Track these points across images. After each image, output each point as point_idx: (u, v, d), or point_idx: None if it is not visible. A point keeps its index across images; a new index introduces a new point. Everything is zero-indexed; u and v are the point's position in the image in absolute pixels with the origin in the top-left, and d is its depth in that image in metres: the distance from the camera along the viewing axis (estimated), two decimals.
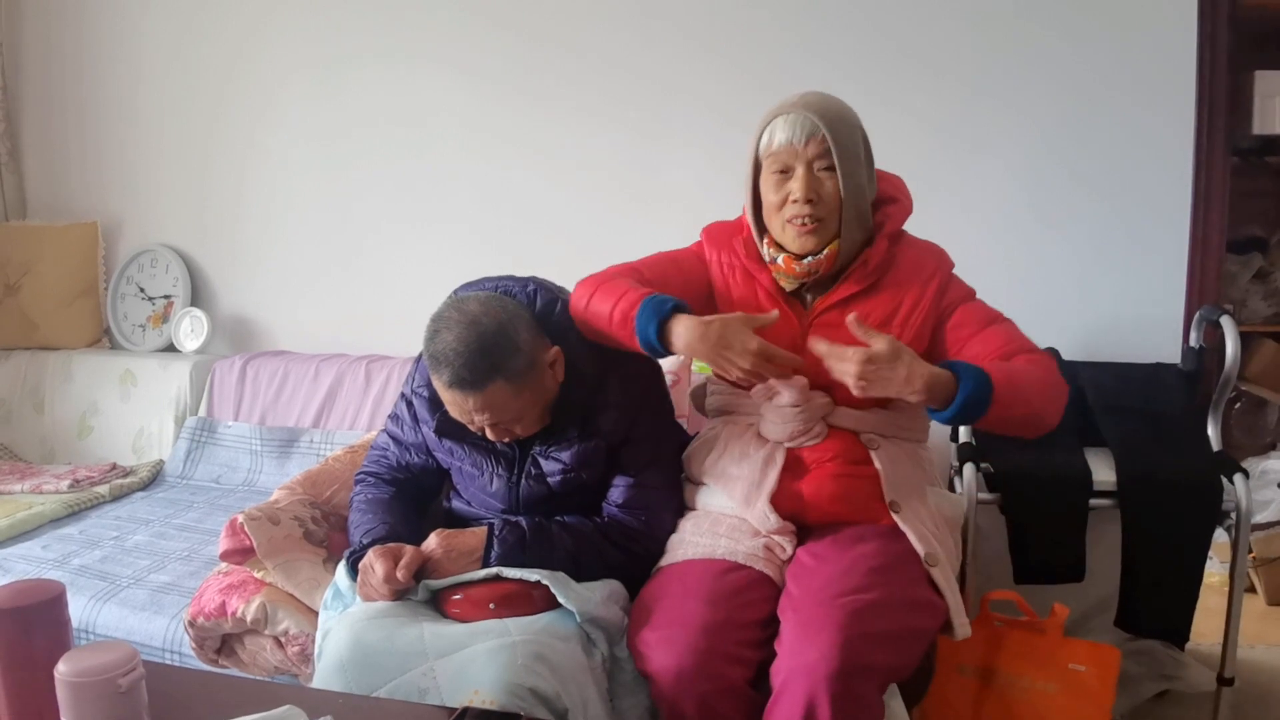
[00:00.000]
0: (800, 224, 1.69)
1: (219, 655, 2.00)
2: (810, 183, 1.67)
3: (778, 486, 1.72)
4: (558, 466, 1.78)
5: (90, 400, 3.34)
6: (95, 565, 2.42)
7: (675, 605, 1.60)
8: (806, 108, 1.67)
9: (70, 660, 1.15)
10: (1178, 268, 2.58)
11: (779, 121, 1.68)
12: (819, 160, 1.67)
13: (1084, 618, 2.22)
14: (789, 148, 1.67)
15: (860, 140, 1.71)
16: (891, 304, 1.73)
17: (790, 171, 1.68)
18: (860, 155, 1.70)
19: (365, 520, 1.82)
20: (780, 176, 1.70)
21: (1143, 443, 2.17)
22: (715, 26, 2.86)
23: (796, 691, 1.44)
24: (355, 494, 1.93)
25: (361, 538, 1.77)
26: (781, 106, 1.70)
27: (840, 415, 1.75)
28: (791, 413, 1.73)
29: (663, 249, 1.91)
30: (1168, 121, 2.55)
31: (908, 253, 1.77)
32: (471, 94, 3.10)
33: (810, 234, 1.69)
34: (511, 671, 1.45)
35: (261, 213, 3.41)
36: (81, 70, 3.56)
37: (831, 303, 1.74)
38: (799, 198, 1.67)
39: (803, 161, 1.67)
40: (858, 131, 1.70)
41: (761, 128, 1.72)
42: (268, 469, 3.02)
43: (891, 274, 1.74)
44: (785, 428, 1.75)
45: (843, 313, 1.67)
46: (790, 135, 1.67)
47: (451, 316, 1.64)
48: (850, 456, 1.73)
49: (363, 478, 1.96)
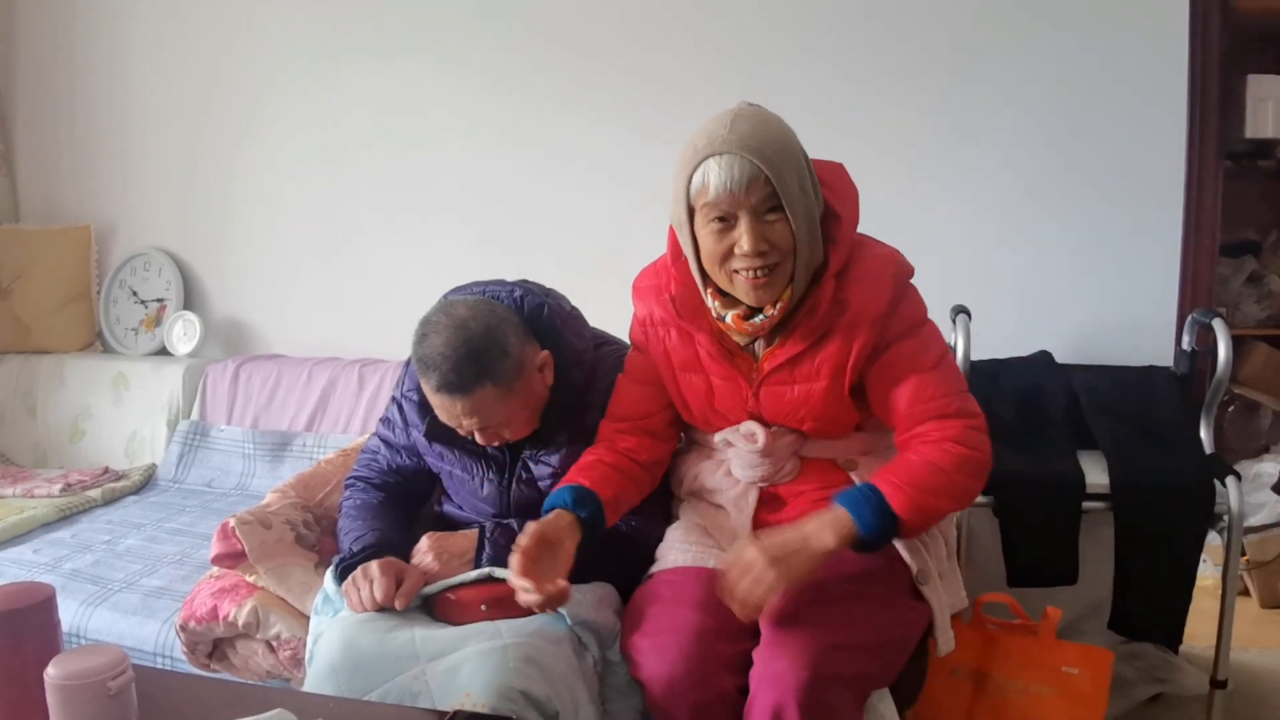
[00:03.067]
0: (752, 276, 1.51)
1: (211, 659, 1.99)
2: (758, 232, 1.48)
3: (757, 522, 1.67)
4: (548, 470, 1.78)
5: (83, 404, 3.33)
6: (87, 569, 2.42)
7: (667, 612, 1.59)
8: (742, 146, 1.45)
9: (60, 664, 1.14)
10: (1170, 271, 2.58)
11: (711, 164, 1.46)
12: (764, 204, 1.47)
13: (1077, 621, 2.22)
14: (728, 195, 1.46)
15: (803, 167, 1.52)
16: (843, 354, 1.57)
17: (732, 219, 1.49)
18: (805, 186, 1.51)
19: (355, 526, 1.80)
20: (720, 224, 1.50)
21: (1135, 446, 2.17)
22: (712, 21, 2.85)
23: (765, 701, 1.42)
24: (345, 499, 1.92)
25: (352, 544, 1.75)
26: (711, 143, 1.47)
27: (812, 447, 1.67)
28: (757, 459, 1.67)
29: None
30: (1160, 125, 2.55)
31: (858, 283, 1.57)
32: (466, 97, 3.10)
33: (764, 286, 1.52)
34: (503, 674, 1.45)
35: (254, 216, 3.40)
36: (73, 74, 3.56)
37: (779, 362, 1.60)
38: (748, 250, 1.48)
39: (745, 209, 1.47)
40: (798, 158, 1.51)
41: (691, 168, 1.49)
42: (260, 473, 3.02)
43: (842, 316, 1.56)
44: (755, 471, 1.68)
45: (792, 371, 1.59)
46: (727, 181, 1.45)
47: (439, 320, 1.64)
48: (827, 482, 1.66)
49: (352, 482, 1.95)
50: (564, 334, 1.77)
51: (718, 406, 1.68)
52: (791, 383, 1.60)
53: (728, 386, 1.65)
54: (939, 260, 1.85)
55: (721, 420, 1.70)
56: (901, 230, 1.83)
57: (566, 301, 1.85)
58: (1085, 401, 2.30)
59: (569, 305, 1.84)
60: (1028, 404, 2.31)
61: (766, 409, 1.64)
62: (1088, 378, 2.35)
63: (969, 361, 2.21)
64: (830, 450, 1.68)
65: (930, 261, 1.81)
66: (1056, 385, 2.34)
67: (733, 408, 1.67)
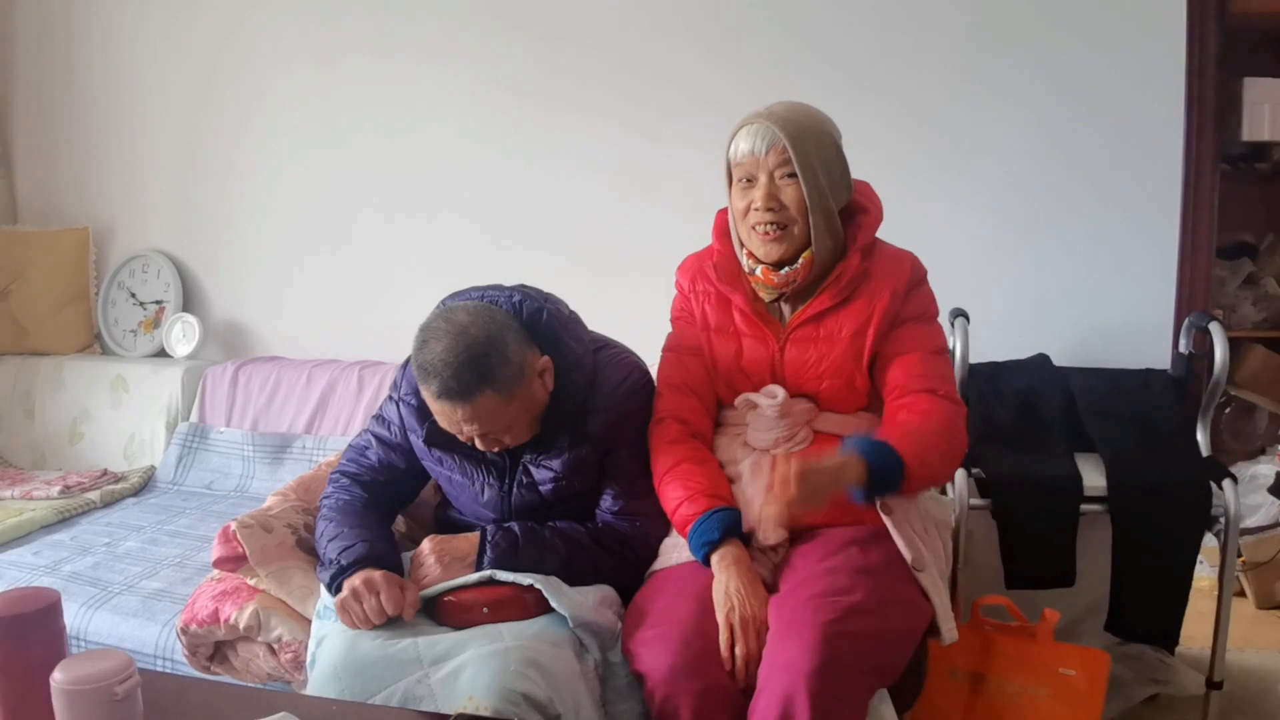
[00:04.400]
0: (763, 231, 1.74)
1: (211, 662, 1.99)
2: (770, 190, 1.72)
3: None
4: (549, 475, 1.78)
5: (81, 406, 3.33)
6: (87, 572, 2.42)
7: (669, 606, 1.61)
8: (770, 118, 1.71)
9: (66, 668, 1.15)
10: (1167, 274, 2.60)
11: (743, 132, 1.74)
12: (780, 169, 1.71)
13: (1074, 622, 2.23)
14: (751, 157, 1.72)
15: (829, 146, 1.74)
16: (864, 314, 1.75)
17: (754, 180, 1.73)
18: (827, 161, 1.73)
19: (341, 533, 1.74)
20: (745, 185, 1.75)
21: (1133, 448, 2.18)
22: (716, 23, 2.86)
23: (775, 688, 1.44)
24: (325, 495, 1.87)
25: (339, 555, 1.69)
26: (747, 118, 1.75)
27: (825, 420, 1.78)
28: (775, 420, 1.76)
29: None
30: (1157, 128, 2.57)
31: (881, 261, 1.79)
32: (466, 97, 3.11)
33: (775, 241, 1.74)
34: (504, 677, 1.46)
35: (253, 218, 3.41)
36: (72, 75, 3.57)
37: (806, 317, 1.78)
38: (759, 205, 1.72)
39: (764, 170, 1.72)
40: (825, 139, 1.73)
41: (730, 138, 1.77)
42: (260, 475, 3.02)
43: (865, 285, 1.76)
44: (770, 435, 1.77)
45: (817, 327, 1.77)
46: (752, 145, 1.72)
47: (439, 327, 1.64)
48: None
49: (337, 478, 1.90)
50: (563, 339, 1.77)
51: (744, 366, 1.83)
52: (815, 339, 1.77)
53: (756, 344, 1.81)
54: (937, 263, 1.86)
55: (745, 382, 1.83)
56: (899, 234, 1.85)
57: (565, 306, 1.84)
58: (1083, 404, 2.31)
59: (568, 310, 1.84)
60: (1025, 406, 2.32)
61: (789, 367, 1.78)
62: (1085, 380, 2.36)
63: (967, 364, 2.21)
64: (840, 426, 1.77)
65: (928, 265, 1.83)
66: (1054, 388, 2.35)
67: (757, 365, 1.81)
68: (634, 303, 2.37)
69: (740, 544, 1.66)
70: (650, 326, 2.00)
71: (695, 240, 1.96)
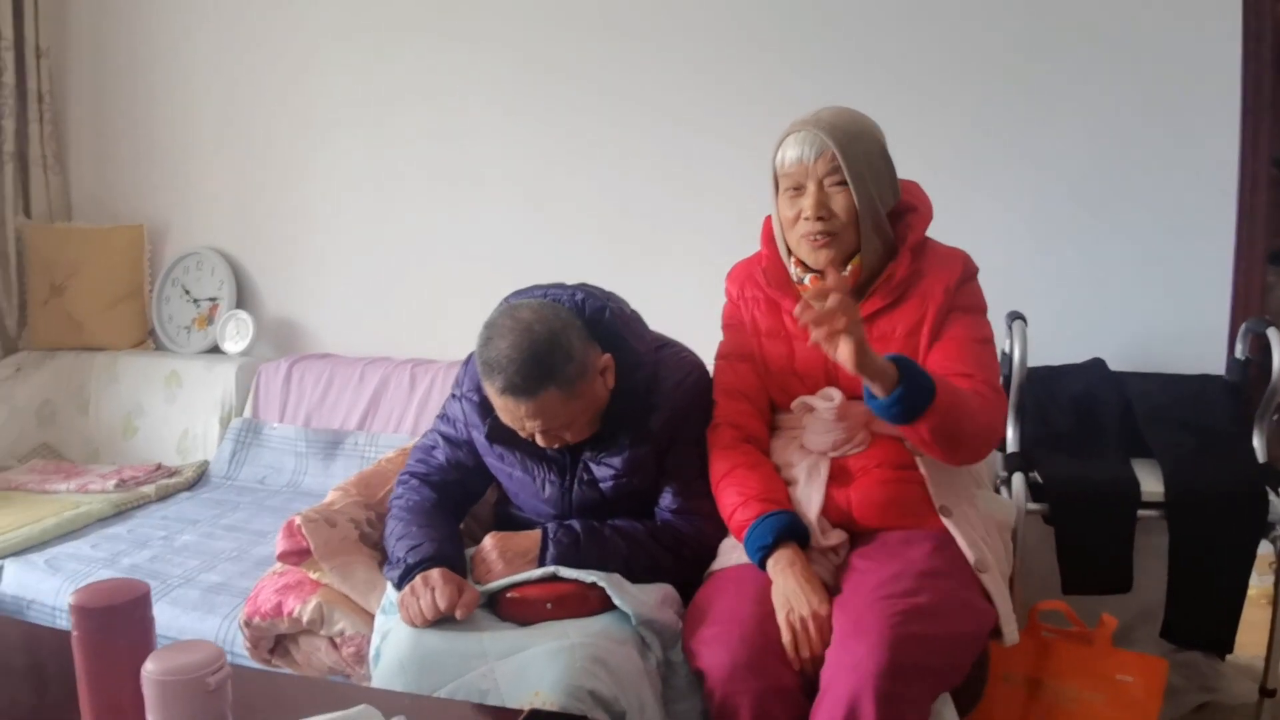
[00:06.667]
0: (813, 240, 1.72)
1: (272, 655, 2.02)
2: (820, 199, 1.70)
3: (826, 497, 1.73)
4: (609, 472, 1.80)
5: (135, 401, 3.38)
6: (145, 564, 2.46)
7: (729, 605, 1.62)
8: (817, 125, 1.70)
9: (158, 659, 1.16)
10: (1222, 279, 2.57)
11: (790, 140, 1.73)
12: (829, 176, 1.70)
13: (1128, 628, 2.22)
14: (800, 165, 1.71)
15: (876, 152, 1.74)
16: (917, 314, 1.75)
17: (803, 189, 1.72)
18: (875, 167, 1.72)
19: (410, 532, 1.77)
20: (794, 193, 1.74)
21: (1190, 454, 2.17)
22: (767, 19, 2.86)
23: (841, 688, 1.44)
24: (396, 496, 1.91)
25: (406, 554, 1.72)
26: (794, 125, 1.74)
27: (882, 422, 1.75)
28: (832, 423, 1.76)
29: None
30: (1211, 133, 2.55)
31: (932, 260, 1.78)
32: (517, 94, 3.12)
33: (824, 249, 1.73)
34: (571, 674, 1.47)
35: (307, 216, 3.44)
36: (127, 72, 3.62)
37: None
38: (809, 215, 1.71)
39: (813, 179, 1.71)
40: (873, 144, 1.73)
41: (776, 146, 1.76)
42: (313, 471, 3.06)
43: (918, 284, 1.76)
44: (827, 438, 1.76)
45: (870, 328, 1.74)
46: (800, 153, 1.71)
47: (504, 324, 1.66)
48: (896, 462, 1.74)
49: (406, 479, 1.94)
50: (625, 337, 1.78)
51: (798, 369, 1.83)
52: (869, 341, 1.65)
53: (810, 349, 1.71)
54: (990, 265, 1.86)
55: (799, 385, 1.83)
56: (949, 237, 1.86)
57: (627, 305, 1.86)
58: (1139, 409, 2.30)
59: (629, 309, 1.86)
60: (1083, 411, 2.32)
61: (843, 369, 1.69)
62: (1142, 385, 2.35)
63: (1025, 367, 2.20)
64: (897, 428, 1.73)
65: (982, 268, 1.83)
66: (1110, 392, 2.34)
67: (811, 368, 1.81)
68: (685, 299, 2.39)
69: (796, 547, 1.66)
70: (695, 321, 2.04)
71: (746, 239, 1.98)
